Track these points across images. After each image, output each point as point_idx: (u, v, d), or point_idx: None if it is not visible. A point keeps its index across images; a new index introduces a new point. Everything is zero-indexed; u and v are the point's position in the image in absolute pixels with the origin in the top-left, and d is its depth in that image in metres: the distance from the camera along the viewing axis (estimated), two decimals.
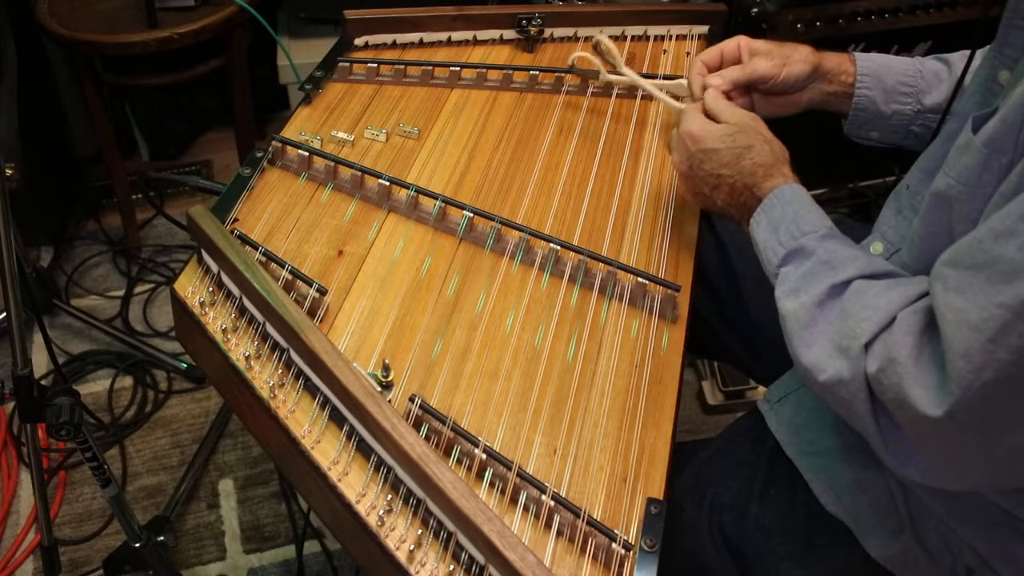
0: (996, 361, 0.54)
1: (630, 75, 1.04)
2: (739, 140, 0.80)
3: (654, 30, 1.21)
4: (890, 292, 0.65)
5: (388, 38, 1.16)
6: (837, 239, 0.73)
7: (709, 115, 0.85)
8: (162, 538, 1.25)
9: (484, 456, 0.72)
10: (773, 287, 0.75)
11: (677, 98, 1.00)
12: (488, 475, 0.72)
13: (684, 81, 0.95)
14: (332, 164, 0.95)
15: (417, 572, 0.66)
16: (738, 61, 0.92)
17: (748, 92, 0.94)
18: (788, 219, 0.75)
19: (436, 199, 0.91)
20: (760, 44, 0.92)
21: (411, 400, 0.75)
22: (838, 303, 0.68)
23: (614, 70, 1.06)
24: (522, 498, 0.70)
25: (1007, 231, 0.54)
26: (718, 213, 0.85)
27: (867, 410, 0.64)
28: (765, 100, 0.95)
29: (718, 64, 0.93)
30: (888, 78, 0.92)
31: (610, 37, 1.20)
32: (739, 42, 0.93)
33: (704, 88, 0.90)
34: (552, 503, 0.69)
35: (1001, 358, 0.53)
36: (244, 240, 0.86)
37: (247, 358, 0.79)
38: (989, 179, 0.62)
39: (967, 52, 0.92)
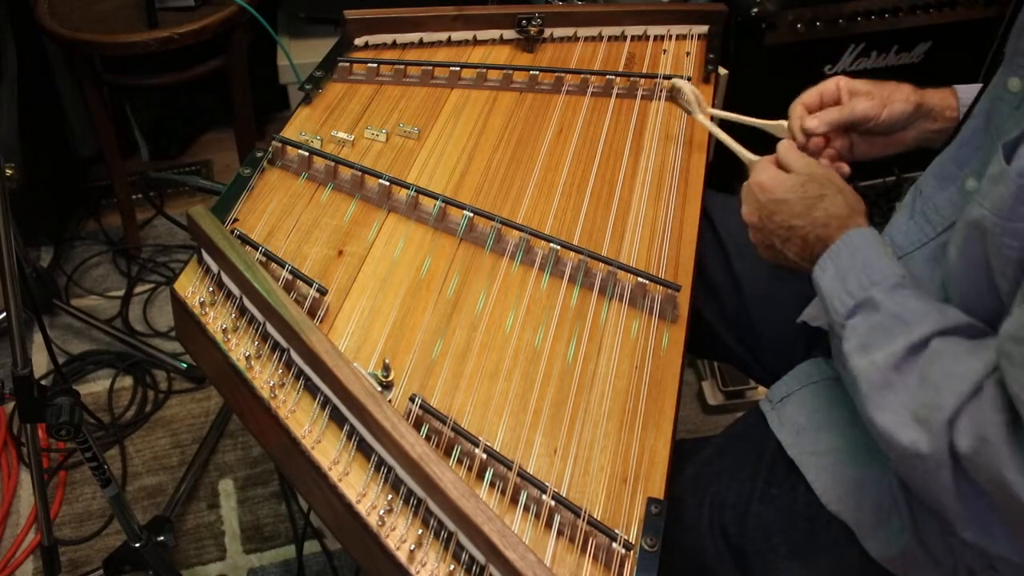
0: None
1: (701, 119, 1.01)
2: (810, 190, 0.77)
3: (654, 30, 1.21)
4: (971, 358, 0.61)
5: (388, 38, 1.16)
6: (908, 289, 0.69)
7: (780, 166, 0.82)
8: (162, 538, 1.25)
9: (484, 456, 0.72)
10: (836, 336, 0.71)
11: (774, 135, 0.95)
12: (488, 475, 0.72)
13: (784, 123, 0.92)
14: (332, 164, 0.95)
15: (417, 572, 0.66)
16: (838, 102, 0.89)
17: (847, 134, 0.90)
18: (857, 267, 0.71)
19: (436, 199, 0.91)
20: (859, 84, 0.89)
21: (411, 400, 0.75)
22: (915, 367, 0.64)
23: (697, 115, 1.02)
24: (522, 498, 0.70)
25: None
26: (791, 268, 0.80)
27: (950, 486, 0.61)
28: (866, 141, 0.91)
29: (817, 105, 0.89)
30: None
31: (610, 38, 1.21)
32: (838, 82, 0.89)
33: (803, 130, 0.87)
34: (552, 503, 0.69)
35: None
36: (244, 240, 0.86)
37: (247, 358, 0.79)
38: (1022, 212, 0.59)
39: None
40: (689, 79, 1.06)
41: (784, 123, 0.92)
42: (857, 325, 0.69)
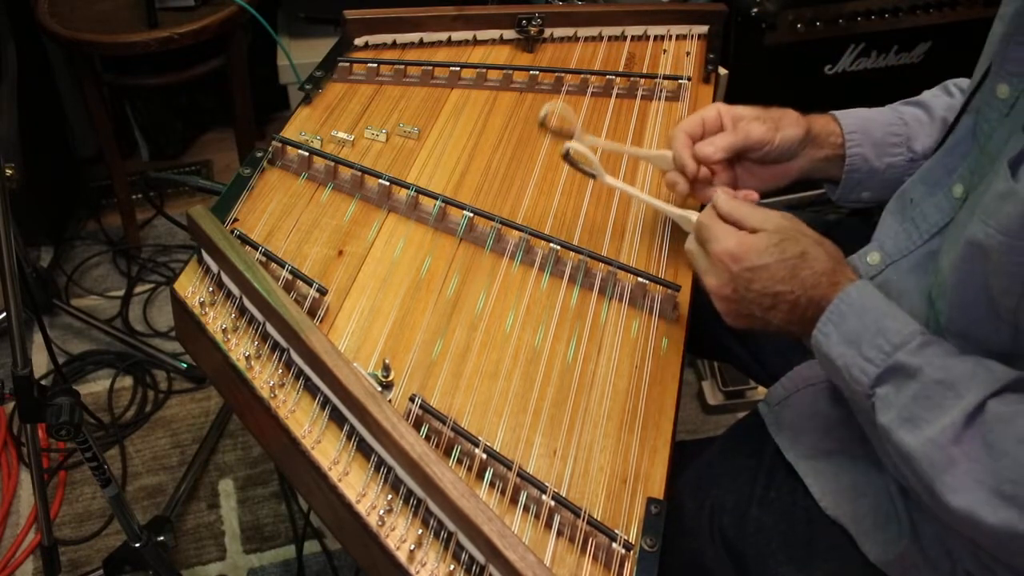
0: None
1: (618, 185, 0.87)
2: (789, 249, 0.70)
3: (654, 30, 1.21)
4: None
5: (388, 38, 1.16)
6: (936, 347, 0.64)
7: (729, 221, 0.74)
8: (162, 538, 1.25)
9: (484, 456, 0.72)
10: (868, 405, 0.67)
11: (672, 198, 0.89)
12: (488, 475, 0.72)
13: (669, 153, 0.86)
14: (332, 164, 0.95)
15: (417, 572, 0.66)
16: (720, 129, 0.84)
17: (732, 166, 0.86)
18: (869, 331, 0.66)
19: (436, 199, 0.91)
20: (742, 109, 0.85)
21: (411, 400, 0.75)
22: (978, 436, 0.59)
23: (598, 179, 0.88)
24: (522, 498, 0.70)
25: None
26: (772, 332, 0.74)
27: None
28: (751, 173, 0.87)
29: (700, 133, 0.84)
30: (875, 130, 0.87)
31: (610, 38, 1.21)
32: (719, 109, 0.85)
33: (695, 158, 0.83)
34: (552, 503, 0.69)
35: None
36: (244, 240, 0.86)
37: (247, 358, 0.79)
38: None
39: (933, 91, 0.90)
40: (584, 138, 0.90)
41: (668, 153, 0.86)
42: (890, 396, 0.64)
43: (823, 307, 0.69)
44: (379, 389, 0.72)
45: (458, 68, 1.10)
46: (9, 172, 1.55)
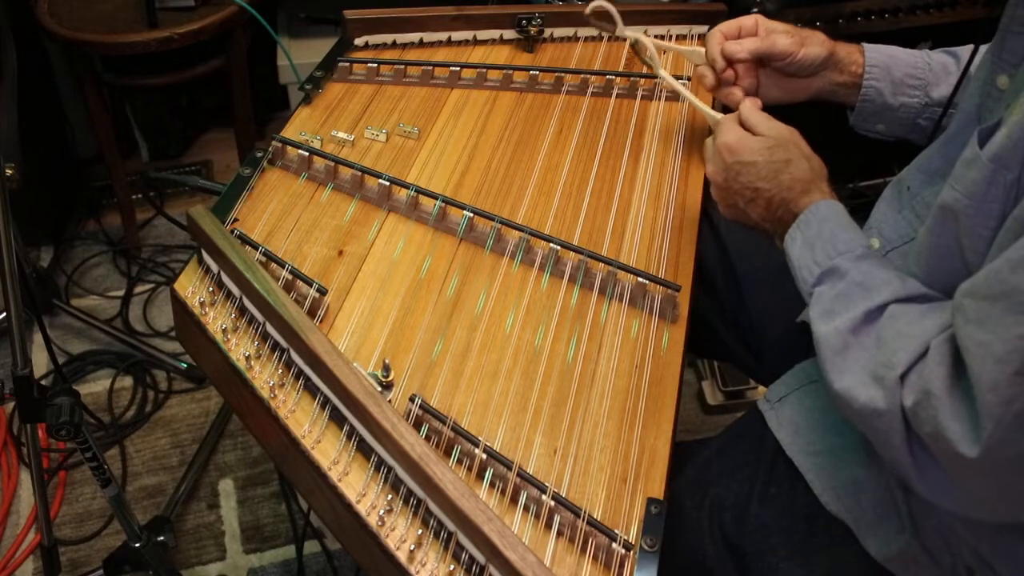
0: None
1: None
2: (777, 154, 0.79)
3: (654, 30, 1.21)
4: (924, 319, 0.64)
5: (388, 38, 1.16)
6: (873, 259, 0.71)
7: (745, 126, 0.83)
8: (162, 538, 1.25)
9: (484, 456, 0.72)
10: (801, 301, 0.73)
11: (712, 107, 0.96)
12: (488, 475, 0.72)
13: (702, 49, 0.95)
14: (332, 164, 0.95)
15: (417, 572, 0.66)
16: (754, 36, 0.92)
17: (757, 71, 0.93)
18: (824, 237, 0.73)
19: (436, 199, 0.91)
20: (777, 24, 0.92)
21: (411, 400, 0.75)
22: (873, 329, 0.66)
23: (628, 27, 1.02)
24: (522, 498, 0.70)
25: (1023, 261, 0.54)
26: (751, 226, 0.83)
27: (902, 441, 0.62)
28: (774, 82, 0.94)
29: (736, 36, 0.92)
30: (896, 70, 0.92)
31: (610, 38, 1.21)
32: (756, 18, 0.92)
33: (724, 54, 0.90)
34: (552, 503, 0.69)
35: None
36: (244, 240, 0.86)
37: (247, 358, 0.79)
38: (995, 194, 0.61)
39: (971, 47, 0.92)
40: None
41: (702, 49, 0.95)
42: (823, 293, 0.71)
43: (791, 211, 0.77)
44: (379, 389, 0.72)
45: (458, 68, 1.10)
46: (9, 172, 1.55)
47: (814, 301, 0.72)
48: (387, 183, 0.92)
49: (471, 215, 0.91)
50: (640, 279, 0.86)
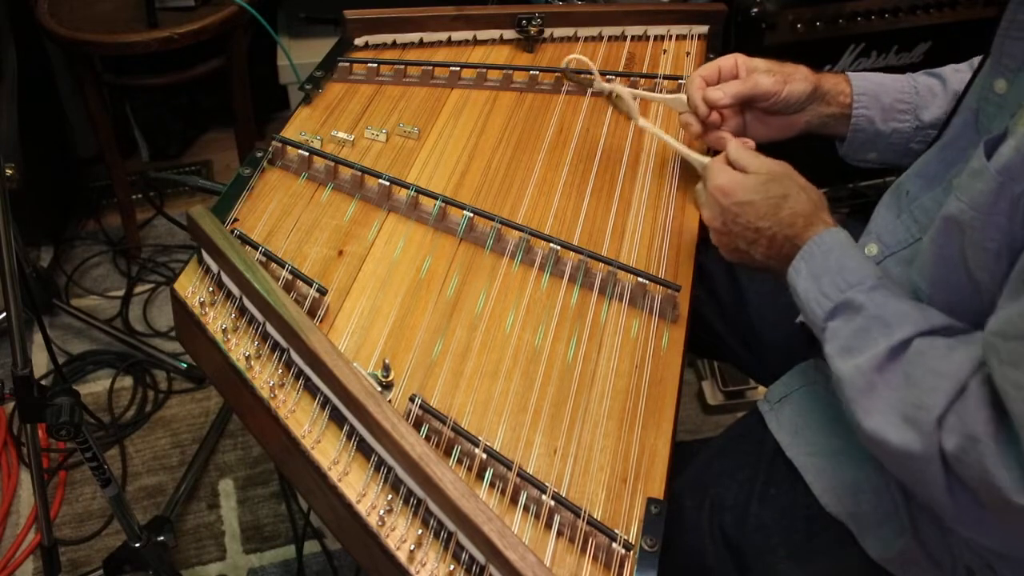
0: None
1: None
2: (773, 190, 0.77)
3: (654, 30, 1.21)
4: (954, 354, 0.61)
5: (388, 38, 1.16)
6: (886, 290, 0.69)
7: (735, 167, 0.81)
8: (162, 538, 1.25)
9: (484, 456, 0.72)
10: (813, 331, 0.71)
11: (696, 150, 0.94)
12: (488, 475, 0.72)
13: (683, 96, 0.93)
14: (332, 164, 0.95)
15: (417, 572, 0.66)
16: (736, 77, 0.90)
17: (742, 112, 0.92)
18: (832, 269, 0.71)
19: (436, 199, 0.91)
20: (758, 61, 0.90)
21: (411, 400, 0.75)
22: (899, 367, 0.64)
23: (605, 78, 1.02)
24: (522, 498, 0.70)
25: None
26: (757, 268, 0.80)
27: (942, 484, 0.60)
28: (760, 121, 0.92)
29: (716, 79, 0.90)
30: (884, 96, 0.91)
31: (610, 38, 1.21)
32: (736, 59, 0.91)
33: (706, 101, 0.88)
34: (552, 503, 0.69)
35: None
36: (244, 240, 0.86)
37: (247, 358, 0.79)
38: (1002, 207, 0.60)
39: (957, 66, 0.92)
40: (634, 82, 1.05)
41: (683, 96, 0.93)
42: (838, 328, 0.69)
43: (796, 245, 0.75)
44: (379, 389, 0.72)
45: (458, 68, 1.10)
46: (9, 172, 1.55)
47: (829, 337, 0.69)
48: (387, 183, 0.92)
49: (471, 215, 0.91)
50: (640, 279, 0.86)
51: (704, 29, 1.22)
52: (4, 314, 1.42)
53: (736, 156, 0.82)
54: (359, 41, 1.15)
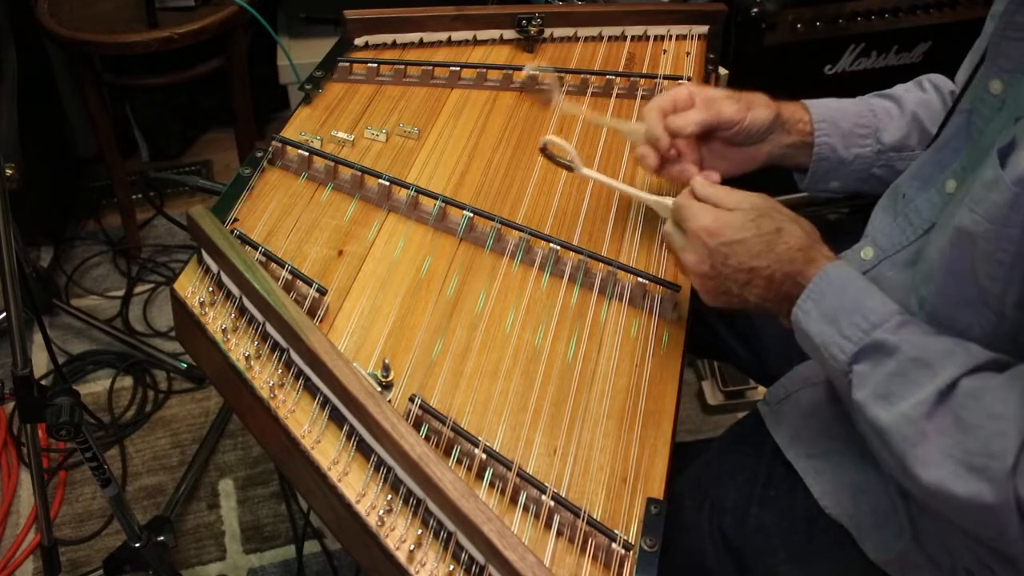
0: None
1: (595, 176, 0.89)
2: (765, 225, 0.71)
3: (654, 30, 1.21)
4: (1011, 394, 0.58)
5: (388, 38, 1.16)
6: (915, 327, 0.65)
7: (707, 203, 0.75)
8: (162, 538, 1.25)
9: (484, 456, 0.72)
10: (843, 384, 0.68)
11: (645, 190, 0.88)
12: (488, 475, 0.72)
13: (641, 127, 0.87)
14: (332, 164, 0.95)
15: (417, 572, 0.66)
16: (691, 108, 0.85)
17: (699, 147, 0.87)
18: (848, 308, 0.66)
19: (436, 199, 0.91)
20: (713, 91, 0.86)
21: (411, 400, 0.75)
22: (949, 412, 0.60)
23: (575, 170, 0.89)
24: (522, 498, 0.70)
25: None
26: (749, 310, 0.74)
27: (1019, 532, 0.57)
28: (719, 155, 0.88)
29: (672, 110, 0.86)
30: (843, 122, 0.88)
31: (610, 38, 1.21)
32: (689, 89, 0.86)
33: (667, 130, 0.83)
34: (552, 503, 0.69)
35: None
36: (244, 240, 0.86)
37: (247, 358, 0.79)
38: (1016, 219, 0.59)
39: (906, 85, 0.92)
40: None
41: (641, 126, 0.87)
42: (866, 373, 0.65)
43: (799, 283, 0.70)
44: (379, 389, 0.72)
45: (458, 68, 1.10)
46: (9, 172, 1.55)
47: (858, 382, 0.65)
48: (387, 183, 0.92)
49: (471, 215, 0.91)
50: (640, 279, 0.86)
51: (704, 29, 1.22)
52: (4, 314, 1.42)
53: (706, 192, 0.76)
54: (359, 41, 1.15)
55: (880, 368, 0.64)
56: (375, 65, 1.09)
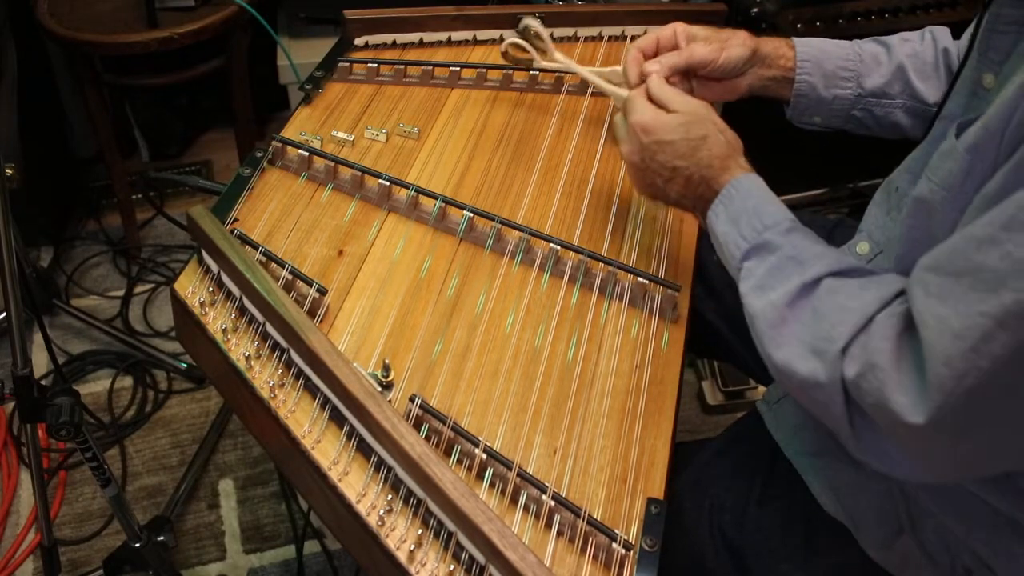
0: (977, 369, 0.53)
1: (565, 61, 0.98)
2: (694, 131, 0.78)
3: (654, 30, 1.21)
4: (864, 293, 0.64)
5: (388, 38, 1.16)
6: (801, 233, 0.71)
7: (656, 102, 0.82)
8: (162, 538, 1.25)
9: (484, 456, 0.72)
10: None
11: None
12: (488, 475, 0.72)
13: (620, 68, 0.92)
14: (332, 164, 0.95)
15: (417, 572, 0.66)
16: (675, 47, 0.91)
17: (688, 79, 0.92)
18: (749, 212, 0.73)
19: (436, 199, 0.91)
20: (697, 29, 0.92)
21: (411, 400, 0.75)
22: (809, 302, 0.66)
23: (547, 56, 1.00)
24: (522, 498, 0.70)
25: (989, 239, 0.54)
26: (669, 204, 0.83)
27: (842, 411, 0.63)
28: (705, 87, 0.93)
29: (654, 51, 0.90)
30: (827, 63, 0.92)
31: (610, 38, 1.21)
32: (675, 28, 0.91)
33: (641, 75, 0.87)
34: (552, 503, 0.69)
35: (982, 366, 0.53)
36: (244, 240, 0.86)
37: (247, 358, 0.79)
38: (971, 185, 0.61)
39: (906, 35, 0.95)
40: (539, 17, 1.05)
41: (619, 68, 0.92)
42: (753, 267, 0.71)
43: (712, 187, 0.76)
44: (379, 389, 0.72)
45: (458, 68, 1.10)
46: (9, 172, 1.55)
47: (744, 275, 0.72)
48: (387, 183, 0.92)
49: (471, 215, 0.91)
50: (640, 279, 0.86)
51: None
52: (4, 314, 1.42)
53: (659, 92, 0.82)
54: (359, 41, 1.15)
55: (762, 263, 0.71)
56: (375, 65, 1.09)
